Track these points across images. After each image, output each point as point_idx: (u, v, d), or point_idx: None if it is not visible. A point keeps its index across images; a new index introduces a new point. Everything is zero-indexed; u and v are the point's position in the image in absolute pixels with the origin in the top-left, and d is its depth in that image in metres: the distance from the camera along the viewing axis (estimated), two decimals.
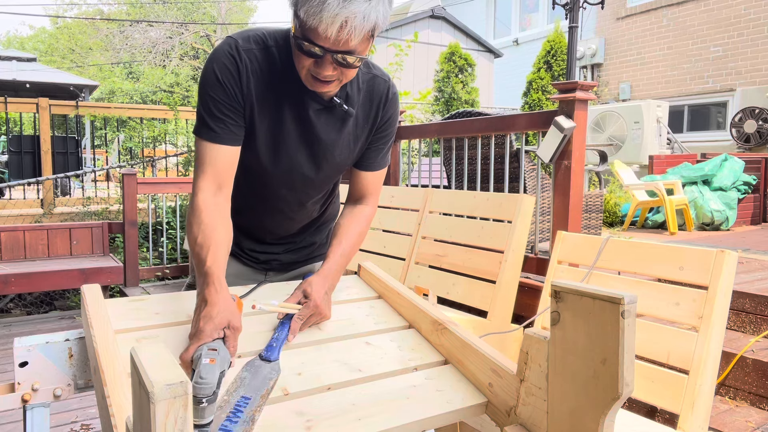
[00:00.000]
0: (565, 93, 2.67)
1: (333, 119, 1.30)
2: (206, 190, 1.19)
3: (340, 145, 1.33)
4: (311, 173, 1.34)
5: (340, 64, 1.12)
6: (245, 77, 1.21)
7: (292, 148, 1.29)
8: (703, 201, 5.33)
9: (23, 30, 43.05)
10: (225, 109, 1.21)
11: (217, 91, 1.20)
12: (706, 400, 1.58)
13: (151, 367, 0.58)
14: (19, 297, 5.12)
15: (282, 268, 1.52)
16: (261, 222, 1.43)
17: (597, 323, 0.73)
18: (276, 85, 1.24)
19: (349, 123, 1.32)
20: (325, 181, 1.40)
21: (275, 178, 1.32)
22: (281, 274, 1.53)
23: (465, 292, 2.64)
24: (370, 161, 1.41)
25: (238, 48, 1.21)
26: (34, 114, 6.13)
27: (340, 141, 1.33)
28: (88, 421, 2.59)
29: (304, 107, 1.26)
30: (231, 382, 0.95)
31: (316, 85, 1.18)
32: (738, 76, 8.38)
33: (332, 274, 1.28)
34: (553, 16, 10.88)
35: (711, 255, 1.65)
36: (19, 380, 1.08)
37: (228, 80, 1.20)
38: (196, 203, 1.18)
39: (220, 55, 1.21)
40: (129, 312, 1.14)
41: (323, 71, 1.13)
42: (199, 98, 1.23)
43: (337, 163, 1.36)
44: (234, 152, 1.24)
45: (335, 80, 1.17)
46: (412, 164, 4.69)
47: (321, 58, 1.11)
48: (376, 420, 0.89)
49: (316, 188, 1.39)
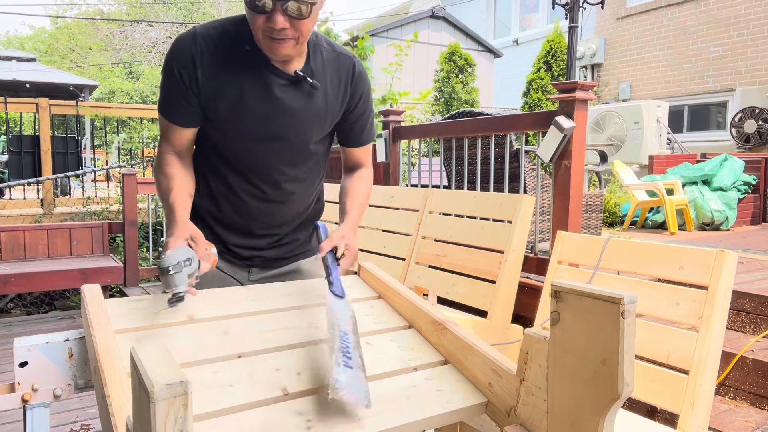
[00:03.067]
0: (565, 93, 2.67)
1: (300, 93, 1.34)
2: (169, 153, 1.35)
3: (310, 118, 1.37)
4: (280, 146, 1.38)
5: (292, 17, 1.17)
6: (200, 61, 1.28)
7: (258, 122, 1.34)
8: (703, 201, 5.33)
9: (23, 30, 43.03)
10: (179, 94, 1.30)
11: (171, 78, 1.29)
12: (706, 400, 1.58)
13: (151, 367, 0.58)
14: (19, 297, 5.12)
15: (265, 264, 1.51)
16: (243, 208, 1.42)
17: (597, 323, 0.73)
18: (236, 63, 1.30)
19: (317, 97, 1.37)
20: (297, 156, 1.42)
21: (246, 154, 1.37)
22: (265, 271, 1.51)
23: (465, 292, 2.64)
24: (357, 138, 1.50)
25: (195, 35, 1.29)
26: (34, 114, 6.12)
27: (309, 114, 1.37)
28: (88, 421, 2.59)
29: (269, 83, 1.31)
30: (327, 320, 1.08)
31: (273, 47, 1.23)
32: (738, 76, 8.38)
33: (355, 223, 1.40)
34: (553, 16, 10.88)
35: (711, 255, 1.65)
36: (19, 380, 1.08)
37: (181, 68, 1.28)
38: (160, 160, 1.35)
39: (176, 44, 1.30)
40: (129, 312, 1.14)
41: (275, 24, 1.17)
42: (162, 80, 1.33)
43: (307, 136, 1.40)
44: (189, 132, 1.36)
45: (291, 39, 1.21)
46: (412, 164, 4.69)
47: (271, 11, 1.17)
48: (376, 420, 0.89)
49: (288, 164, 1.41)
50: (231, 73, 1.30)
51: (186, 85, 1.29)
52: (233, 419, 0.87)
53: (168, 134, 1.35)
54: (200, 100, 1.31)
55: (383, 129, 4.16)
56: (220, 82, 1.30)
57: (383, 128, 4.16)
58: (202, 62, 1.28)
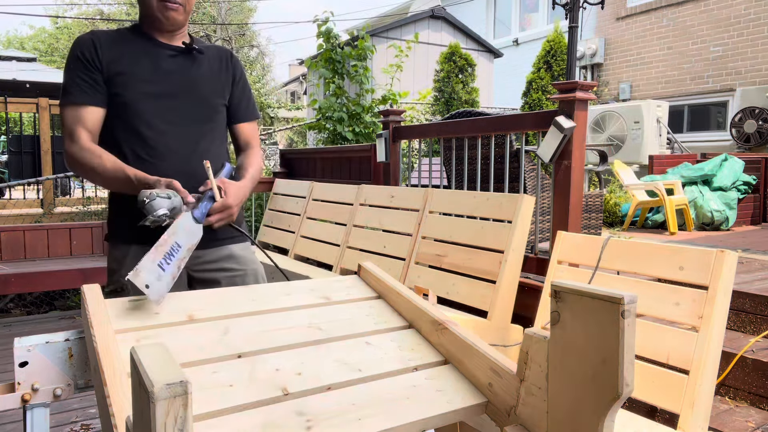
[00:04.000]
0: (565, 93, 2.67)
1: (188, 61, 1.64)
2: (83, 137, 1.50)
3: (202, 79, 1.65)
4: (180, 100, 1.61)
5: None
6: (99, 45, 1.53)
7: (151, 78, 1.57)
8: (703, 201, 5.33)
9: (23, 30, 43.03)
10: (85, 75, 1.51)
11: (77, 63, 1.52)
12: (706, 400, 1.58)
13: (151, 367, 0.58)
14: (19, 297, 5.11)
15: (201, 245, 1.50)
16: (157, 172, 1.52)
17: (597, 323, 0.73)
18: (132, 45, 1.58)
19: (204, 64, 1.66)
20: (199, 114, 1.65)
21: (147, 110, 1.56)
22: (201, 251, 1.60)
23: (465, 292, 2.64)
24: (241, 112, 1.77)
25: (93, 31, 1.57)
26: (34, 114, 6.12)
27: (200, 75, 1.65)
28: (88, 421, 2.59)
29: (160, 55, 1.59)
30: (169, 227, 1.25)
31: (166, 12, 1.53)
32: (738, 76, 8.38)
33: (245, 189, 1.58)
34: (553, 16, 10.88)
35: (711, 255, 1.65)
36: (19, 380, 1.08)
37: (85, 53, 1.52)
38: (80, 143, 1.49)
39: (78, 39, 1.56)
40: (129, 312, 1.14)
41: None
42: (65, 75, 1.53)
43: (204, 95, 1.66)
44: (99, 113, 1.54)
45: (180, 5, 1.54)
46: (412, 164, 4.69)
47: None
48: (376, 420, 0.89)
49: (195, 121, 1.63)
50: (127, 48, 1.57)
51: (90, 63, 1.51)
52: (233, 419, 0.87)
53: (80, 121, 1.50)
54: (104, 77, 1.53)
55: (383, 129, 4.16)
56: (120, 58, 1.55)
57: (383, 128, 4.16)
58: (100, 43, 1.54)
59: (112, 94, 1.54)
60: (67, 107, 1.51)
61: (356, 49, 6.92)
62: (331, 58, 6.86)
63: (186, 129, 1.61)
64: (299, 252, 4.03)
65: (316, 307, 1.27)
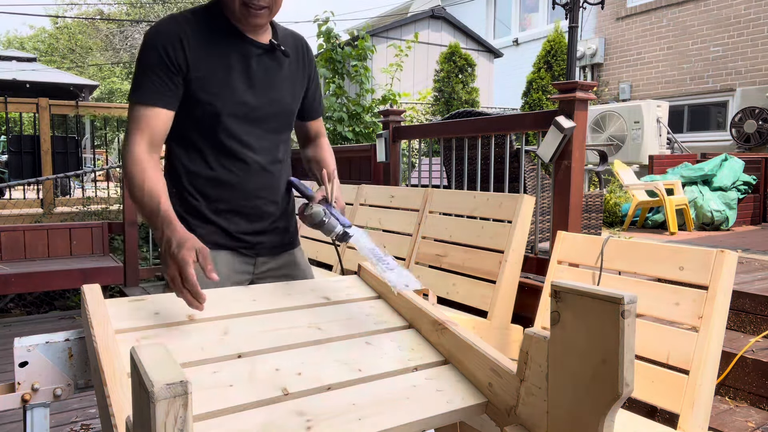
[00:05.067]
0: (565, 93, 2.67)
1: (275, 62, 1.48)
2: (141, 145, 1.31)
3: (286, 84, 1.51)
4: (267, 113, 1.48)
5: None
6: (186, 40, 1.35)
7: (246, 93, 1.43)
8: (703, 201, 5.33)
9: (23, 30, 43.01)
10: (164, 75, 1.33)
11: (156, 59, 1.33)
12: (706, 400, 1.58)
13: (151, 367, 0.58)
14: (19, 297, 5.11)
15: (269, 252, 1.56)
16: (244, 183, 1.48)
17: (597, 323, 0.73)
18: (219, 42, 1.40)
19: (285, 65, 1.51)
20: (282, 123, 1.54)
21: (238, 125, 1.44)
22: (270, 260, 1.57)
23: (465, 292, 2.64)
24: (314, 110, 1.65)
25: (175, 18, 1.38)
26: (34, 114, 6.12)
27: (284, 80, 1.50)
28: (88, 421, 2.59)
29: (249, 56, 1.43)
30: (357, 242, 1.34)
31: (250, 17, 1.35)
32: (738, 76, 8.38)
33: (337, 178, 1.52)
34: (553, 16, 10.88)
35: (711, 255, 1.65)
36: (19, 380, 1.08)
37: (169, 51, 1.33)
38: (135, 155, 1.30)
39: (160, 26, 1.36)
40: (129, 312, 1.14)
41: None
42: (139, 66, 1.35)
43: (287, 102, 1.52)
44: (169, 117, 1.36)
45: (266, 8, 1.35)
46: (412, 164, 4.69)
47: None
48: (376, 420, 0.89)
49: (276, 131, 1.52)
50: (215, 48, 1.39)
51: (173, 64, 1.33)
52: (233, 419, 0.87)
53: (145, 123, 1.33)
54: (185, 79, 1.36)
55: (383, 129, 4.16)
56: (207, 58, 1.37)
57: (383, 128, 4.16)
58: (188, 41, 1.35)
59: (198, 100, 1.38)
60: (136, 106, 1.34)
61: (356, 49, 6.92)
62: (331, 58, 6.86)
63: (268, 140, 1.51)
64: None
65: (316, 307, 1.27)
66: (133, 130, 1.33)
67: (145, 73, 1.33)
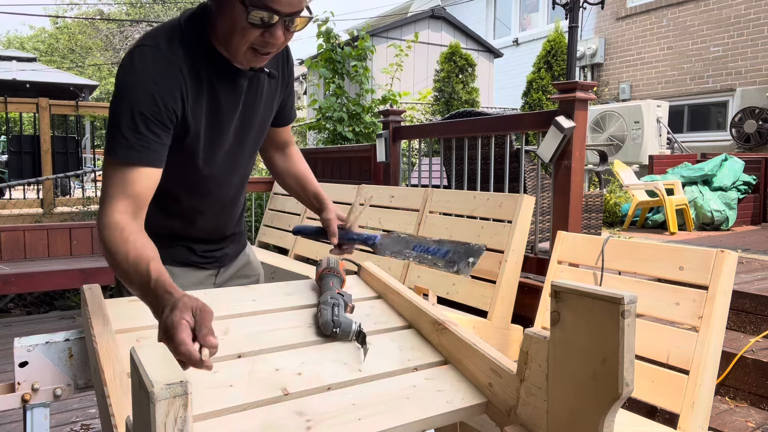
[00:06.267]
0: (565, 93, 2.67)
1: (258, 86, 1.29)
2: (125, 214, 1.05)
3: (266, 109, 1.35)
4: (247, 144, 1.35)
5: (288, 29, 1.10)
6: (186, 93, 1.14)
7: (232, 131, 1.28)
8: (703, 201, 5.33)
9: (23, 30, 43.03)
10: (158, 128, 1.09)
11: (148, 106, 1.07)
12: (706, 400, 1.58)
13: (151, 367, 0.58)
14: (19, 297, 5.11)
15: (229, 260, 1.54)
16: (215, 220, 1.43)
17: (597, 323, 0.73)
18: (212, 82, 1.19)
19: (265, 84, 1.31)
20: (256, 148, 1.42)
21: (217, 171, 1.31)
22: (228, 268, 1.54)
23: (465, 292, 2.64)
24: (285, 116, 1.48)
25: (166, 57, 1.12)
26: (34, 114, 6.11)
27: (265, 105, 1.34)
28: (88, 421, 2.59)
29: (238, 87, 1.23)
30: None
31: (255, 60, 1.15)
32: (738, 76, 8.38)
33: None
34: (553, 16, 10.87)
35: (711, 255, 1.65)
36: (19, 380, 1.08)
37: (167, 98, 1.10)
38: (115, 222, 1.03)
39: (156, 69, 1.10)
40: (129, 312, 1.14)
41: (274, 39, 1.09)
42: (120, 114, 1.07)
43: (262, 126, 1.37)
44: (156, 175, 1.11)
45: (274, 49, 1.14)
46: (412, 164, 4.69)
47: (273, 25, 1.07)
48: (376, 420, 0.89)
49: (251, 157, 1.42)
50: (208, 94, 1.19)
51: (170, 120, 1.12)
52: (233, 419, 0.87)
53: (131, 186, 1.06)
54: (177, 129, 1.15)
55: (383, 129, 4.16)
56: (200, 110, 1.18)
57: (383, 128, 4.16)
58: (186, 90, 1.13)
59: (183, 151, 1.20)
60: (119, 166, 1.07)
61: (356, 49, 6.91)
62: (331, 58, 6.86)
63: (244, 166, 1.39)
64: (299, 252, 4.03)
65: (316, 307, 1.26)
66: (115, 195, 1.06)
67: (134, 122, 1.06)
